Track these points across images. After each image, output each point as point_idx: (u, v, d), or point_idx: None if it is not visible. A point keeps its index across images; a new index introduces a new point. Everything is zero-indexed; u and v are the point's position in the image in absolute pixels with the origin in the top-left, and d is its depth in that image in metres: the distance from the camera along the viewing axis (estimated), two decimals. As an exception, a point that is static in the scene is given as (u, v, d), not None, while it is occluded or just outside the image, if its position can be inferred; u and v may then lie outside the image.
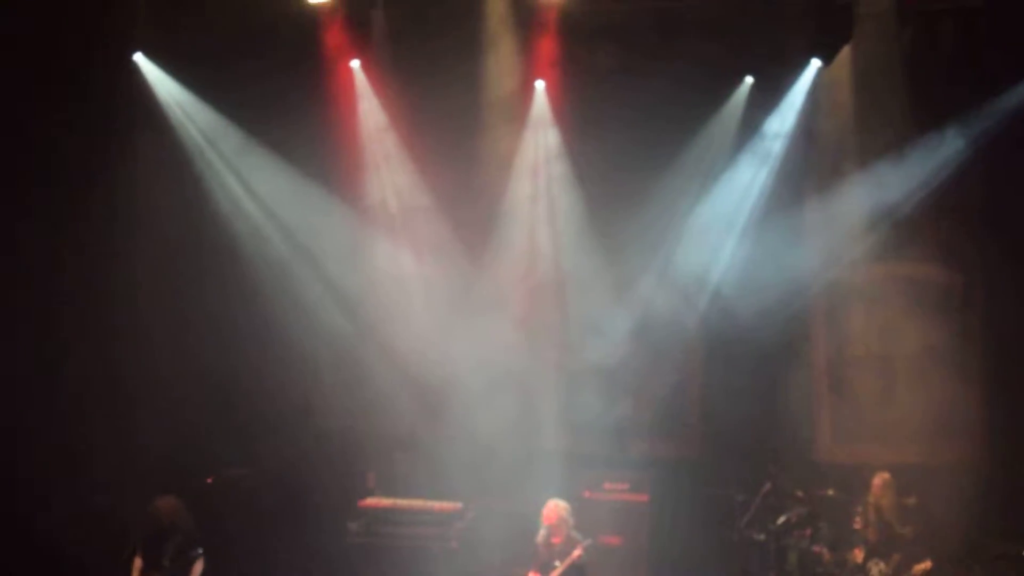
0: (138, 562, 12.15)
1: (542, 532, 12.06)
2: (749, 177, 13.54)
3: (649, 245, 13.66)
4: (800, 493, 13.23)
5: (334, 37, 13.69)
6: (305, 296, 14.08)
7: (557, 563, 11.82)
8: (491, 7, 13.66)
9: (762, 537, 13.16)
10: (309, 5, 13.45)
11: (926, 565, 12.17)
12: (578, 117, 13.75)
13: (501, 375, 13.78)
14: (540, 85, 13.88)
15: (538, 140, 14.03)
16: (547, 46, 13.68)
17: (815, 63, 13.31)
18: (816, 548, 12.88)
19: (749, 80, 13.57)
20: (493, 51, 13.74)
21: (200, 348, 13.76)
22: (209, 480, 13.70)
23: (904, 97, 13.01)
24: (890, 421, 13.67)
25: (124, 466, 13.22)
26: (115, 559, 12.21)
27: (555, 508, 12.04)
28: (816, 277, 13.65)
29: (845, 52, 13.21)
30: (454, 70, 13.59)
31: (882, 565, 12.39)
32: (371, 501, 13.59)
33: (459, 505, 13.51)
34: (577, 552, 11.78)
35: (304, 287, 14.11)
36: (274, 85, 13.56)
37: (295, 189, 14.02)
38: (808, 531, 13.05)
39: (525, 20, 13.60)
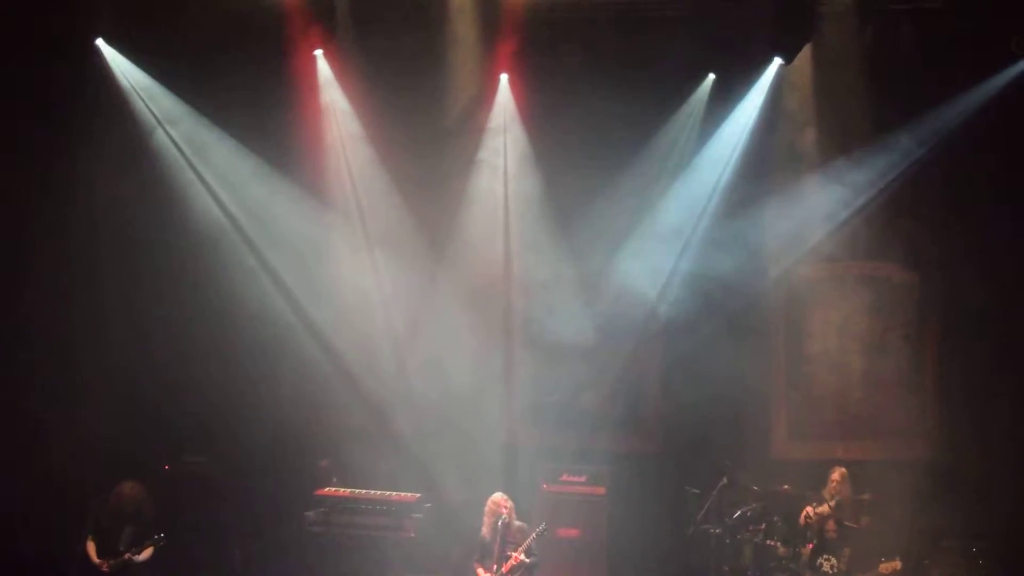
0: (91, 545, 12.17)
1: (486, 524, 12.07)
2: (710, 174, 13.60)
3: (610, 241, 13.71)
4: (756, 488, 13.35)
5: (298, 27, 13.61)
6: (265, 287, 14.03)
7: (510, 554, 11.85)
8: (455, 1, 13.71)
9: (717, 531, 13.25)
10: (274, -7, 13.49)
11: (895, 565, 12.24)
12: (541, 112, 13.80)
13: (460, 368, 13.81)
14: (504, 79, 13.92)
15: (502, 134, 14.05)
16: (511, 42, 13.68)
17: (777, 61, 13.38)
18: (770, 542, 12.97)
19: (711, 77, 13.64)
20: (457, 45, 13.77)
21: (157, 338, 13.74)
22: (166, 467, 13.72)
23: (864, 96, 13.10)
24: (846, 418, 13.78)
25: (79, 454, 13.17)
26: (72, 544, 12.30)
27: (500, 501, 12.08)
28: (775, 275, 13.75)
29: (806, 51, 13.27)
30: (418, 62, 13.65)
31: (833, 560, 12.48)
32: (328, 491, 13.58)
33: (417, 496, 13.54)
34: (528, 541, 11.83)
35: (264, 278, 14.05)
36: (238, 74, 13.62)
37: (257, 179, 14.01)
38: (763, 526, 13.14)
39: (489, 15, 13.60)
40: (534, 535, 11.83)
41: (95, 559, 12.14)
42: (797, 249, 13.62)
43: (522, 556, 11.75)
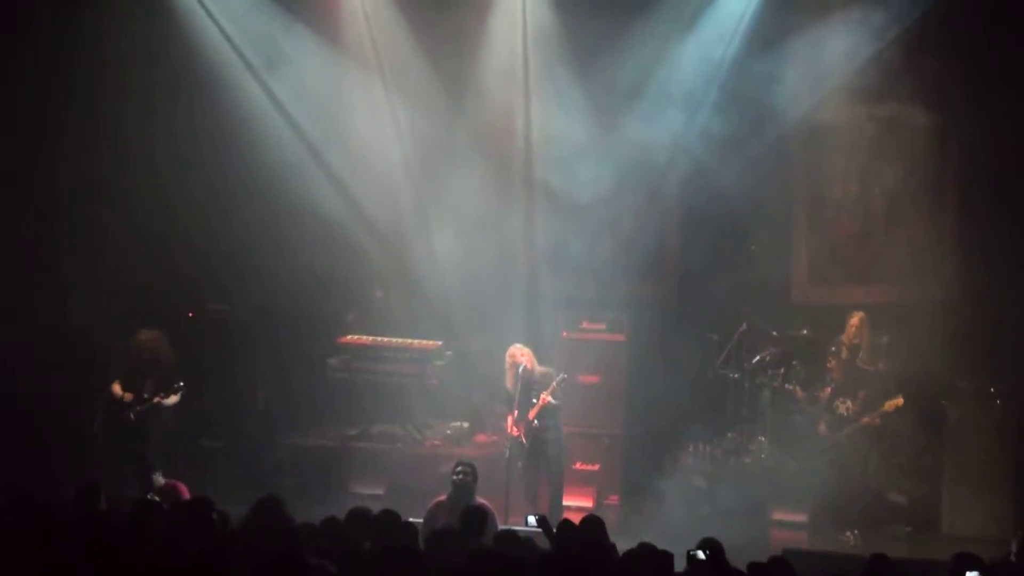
0: (117, 386, 12.38)
1: (508, 376, 12.09)
2: (733, 11, 13.29)
3: (629, 86, 13.48)
4: (775, 333, 13.42)
5: None
6: (281, 135, 13.98)
7: (535, 400, 11.97)
8: None
9: (736, 376, 13.39)
10: None
11: (897, 401, 12.28)
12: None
13: (479, 217, 13.81)
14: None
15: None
16: None
17: None
18: (789, 386, 13.09)
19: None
20: None
21: (176, 187, 13.69)
22: (190, 315, 13.88)
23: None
24: (866, 262, 13.72)
25: (100, 300, 13.30)
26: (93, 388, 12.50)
27: (516, 352, 12.09)
28: (797, 118, 13.52)
29: None
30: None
31: (848, 403, 12.56)
32: (351, 338, 13.77)
33: (438, 343, 13.70)
34: (552, 386, 11.95)
35: (279, 126, 13.99)
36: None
37: (269, 21, 13.82)
38: (782, 370, 13.25)
39: None
40: (555, 382, 11.95)
41: (122, 395, 12.27)
42: (820, 90, 13.34)
43: (549, 398, 11.90)
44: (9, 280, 13.18)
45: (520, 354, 12.04)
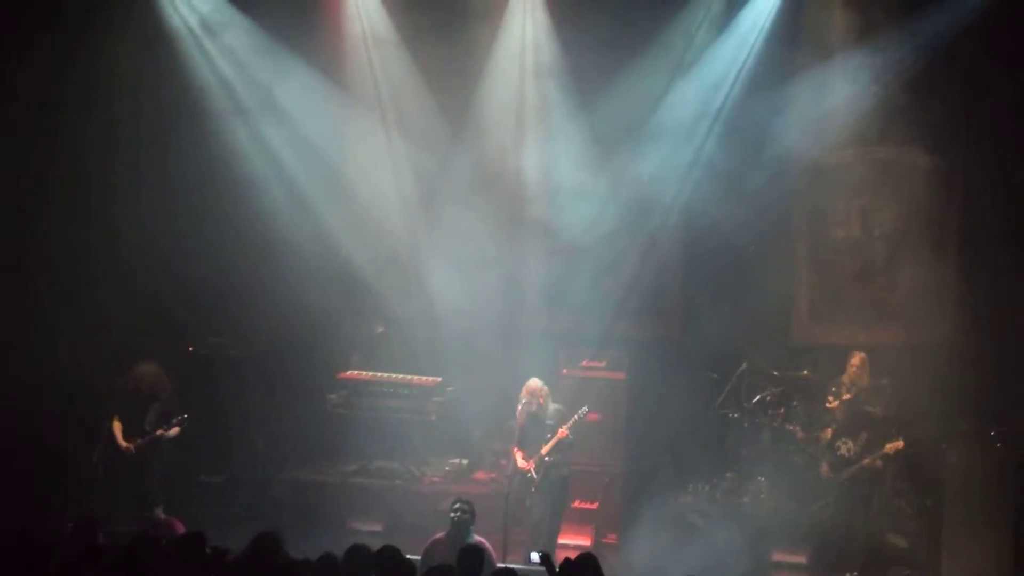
0: (117, 425, 12.36)
1: (520, 409, 12.07)
2: (732, 55, 13.37)
3: (631, 125, 13.54)
4: (776, 373, 13.42)
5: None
6: (285, 169, 14.04)
7: (549, 436, 11.94)
8: None
9: (736, 415, 13.37)
10: None
11: (898, 444, 12.28)
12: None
13: (479, 254, 13.83)
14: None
15: (524, 19, 13.85)
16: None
17: (804, -60, 13.13)
18: (790, 427, 13.07)
19: (736, -44, 13.41)
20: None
21: (177, 225, 13.74)
22: (190, 349, 13.88)
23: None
24: (867, 302, 13.74)
25: (94, 336, 13.36)
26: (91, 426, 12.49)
27: (534, 386, 12.05)
28: (798, 160, 13.59)
29: (832, -74, 13.05)
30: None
31: (850, 444, 12.55)
32: (351, 373, 13.76)
33: (439, 380, 13.69)
34: (572, 420, 11.92)
35: (283, 162, 14.04)
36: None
37: (277, 62, 13.88)
38: (782, 410, 13.23)
39: None
40: (576, 416, 11.95)
41: (121, 442, 12.32)
42: (822, 132, 13.39)
43: (568, 432, 11.88)
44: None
45: (537, 389, 12.03)
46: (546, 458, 11.88)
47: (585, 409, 12.04)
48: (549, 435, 11.90)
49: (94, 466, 12.27)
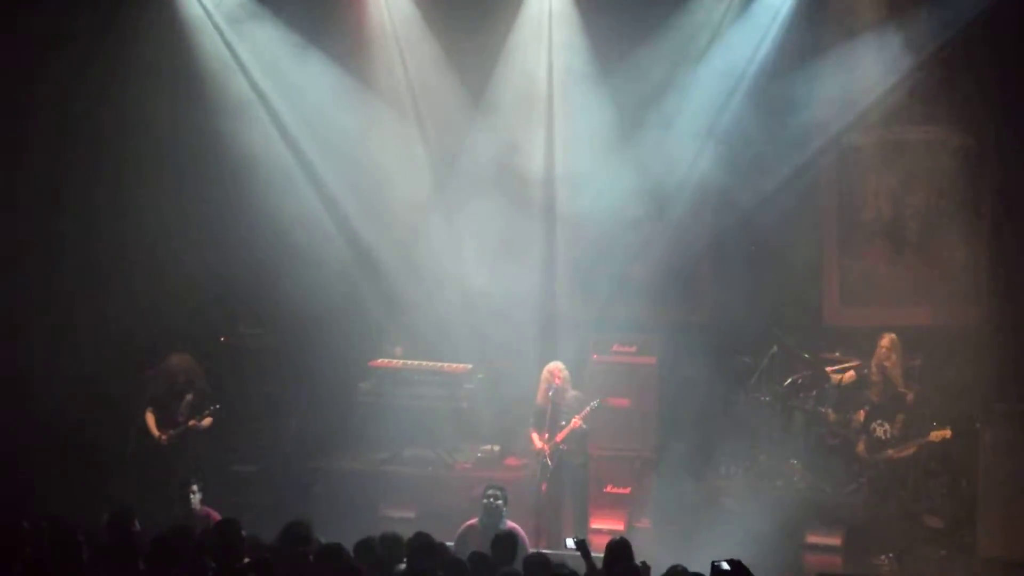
0: (151, 417, 12.45)
1: (540, 392, 12.14)
2: (760, 32, 13.19)
3: (655, 104, 13.41)
4: (807, 355, 13.37)
5: None
6: (311, 169, 14.06)
7: (563, 423, 12.00)
8: None
9: (768, 399, 13.35)
10: None
11: (945, 433, 12.18)
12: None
13: (509, 241, 13.79)
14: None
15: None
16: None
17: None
18: (822, 409, 13.03)
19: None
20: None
21: (207, 214, 13.78)
22: (222, 339, 13.95)
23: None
24: (898, 283, 13.65)
25: (136, 327, 13.38)
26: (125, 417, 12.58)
27: (555, 369, 12.15)
28: (827, 140, 13.46)
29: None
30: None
31: (887, 426, 12.49)
32: (381, 361, 13.80)
33: (469, 366, 13.71)
34: (586, 411, 11.97)
35: (309, 162, 14.05)
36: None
37: (302, 63, 13.82)
38: (814, 393, 13.21)
39: None
40: (589, 408, 11.95)
41: (155, 431, 12.43)
42: (850, 113, 13.26)
43: (581, 423, 11.89)
44: (32, 310, 13.34)
45: (558, 373, 12.06)
46: (561, 446, 11.94)
47: (598, 400, 12.06)
48: (564, 422, 11.96)
49: (128, 457, 12.40)
